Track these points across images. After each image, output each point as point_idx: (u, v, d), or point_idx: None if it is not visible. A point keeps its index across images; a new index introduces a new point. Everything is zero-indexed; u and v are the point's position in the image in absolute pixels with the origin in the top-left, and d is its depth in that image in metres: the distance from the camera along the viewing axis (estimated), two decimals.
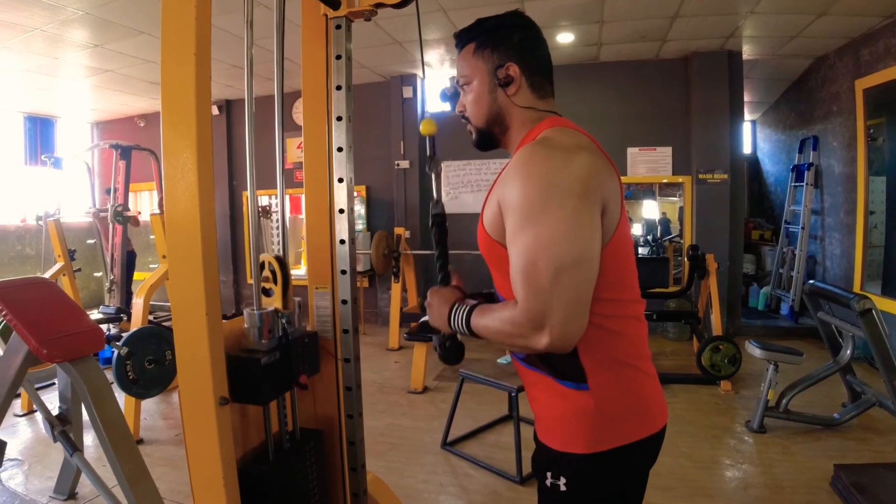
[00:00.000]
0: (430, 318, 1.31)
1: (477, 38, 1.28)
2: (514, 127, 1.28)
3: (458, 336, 1.31)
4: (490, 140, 1.33)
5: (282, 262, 1.73)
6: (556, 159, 1.08)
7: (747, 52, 6.12)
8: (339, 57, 1.63)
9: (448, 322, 1.24)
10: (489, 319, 1.14)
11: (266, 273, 1.73)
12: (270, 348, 1.57)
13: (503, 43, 1.25)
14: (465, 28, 1.31)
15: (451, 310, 1.23)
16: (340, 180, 1.66)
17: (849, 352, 3.76)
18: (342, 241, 1.68)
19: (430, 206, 1.41)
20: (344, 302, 1.71)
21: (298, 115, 7.12)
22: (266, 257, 1.73)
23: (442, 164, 6.97)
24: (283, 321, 1.62)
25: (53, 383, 4.52)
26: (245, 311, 1.60)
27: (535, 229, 1.04)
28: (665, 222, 8.90)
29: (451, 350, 1.32)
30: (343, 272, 1.69)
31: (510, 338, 1.10)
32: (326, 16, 1.66)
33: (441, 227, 1.42)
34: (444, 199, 7.08)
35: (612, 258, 1.13)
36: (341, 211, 1.67)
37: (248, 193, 1.66)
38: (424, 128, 1.43)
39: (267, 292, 1.73)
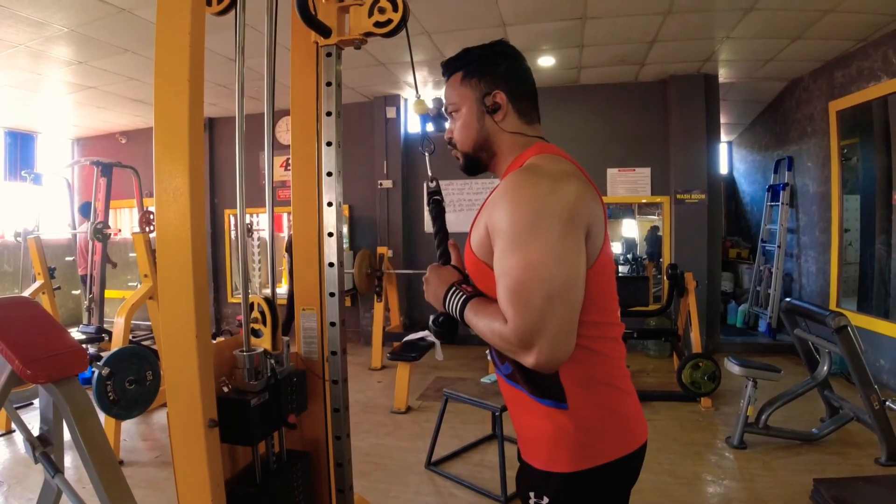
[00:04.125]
0: (426, 295, 1.33)
1: (464, 66, 1.32)
2: (501, 152, 1.31)
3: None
4: (477, 165, 1.36)
5: (270, 303, 1.74)
6: (543, 186, 1.11)
7: (723, 75, 6.28)
8: (329, 84, 1.66)
9: (443, 304, 1.27)
10: (481, 323, 1.16)
11: (255, 314, 1.74)
12: (260, 389, 1.59)
13: (490, 71, 1.29)
14: (452, 57, 1.35)
15: (447, 292, 1.26)
16: (330, 204, 1.68)
17: (826, 368, 3.83)
18: (331, 264, 1.70)
19: (426, 183, 1.47)
20: (332, 324, 1.72)
21: (281, 133, 7.14)
22: (255, 299, 1.74)
23: (425, 184, 7.05)
24: (272, 361, 1.64)
25: (31, 403, 4.44)
26: (235, 353, 1.61)
27: (523, 253, 1.07)
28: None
29: (444, 325, 1.31)
30: (332, 294, 1.71)
31: (498, 346, 1.15)
32: (317, 43, 1.69)
33: (438, 204, 1.46)
34: (427, 218, 7.14)
35: (596, 281, 1.16)
36: (330, 234, 1.69)
37: (237, 214, 1.66)
38: (417, 107, 1.48)
39: (256, 333, 1.74)
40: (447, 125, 1.38)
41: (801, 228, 6.53)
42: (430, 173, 1.47)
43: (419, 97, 1.54)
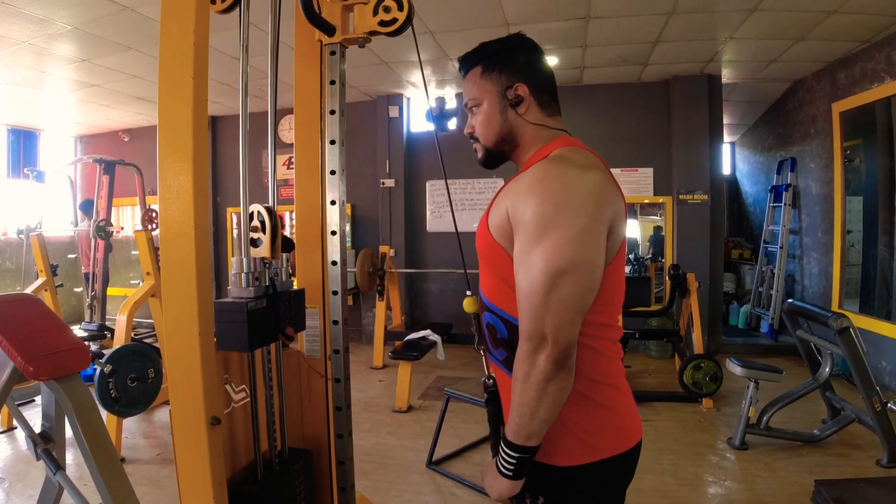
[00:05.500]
0: (492, 495, 1.22)
1: (483, 61, 1.31)
2: (525, 143, 1.31)
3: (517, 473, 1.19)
4: (498, 158, 1.36)
5: (271, 211, 1.69)
6: (571, 177, 1.11)
7: (727, 75, 6.27)
8: (333, 82, 1.66)
9: (501, 473, 1.18)
10: (514, 394, 1.13)
11: (255, 223, 1.68)
12: (257, 296, 1.55)
13: (510, 64, 1.29)
14: (469, 52, 1.34)
15: (496, 464, 1.20)
16: (333, 202, 1.68)
17: (827, 369, 3.83)
18: (334, 263, 1.70)
19: (483, 381, 1.36)
20: (335, 322, 1.72)
21: (284, 132, 7.14)
22: (256, 207, 1.69)
23: (427, 183, 7.07)
24: (271, 273, 1.61)
25: (33, 400, 4.45)
26: (233, 259, 1.58)
27: (544, 244, 1.07)
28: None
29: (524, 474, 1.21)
30: (335, 293, 1.71)
31: (527, 380, 1.09)
32: (321, 42, 1.69)
33: (496, 405, 1.34)
34: (430, 217, 7.16)
35: (610, 280, 1.16)
36: (333, 233, 1.69)
37: (239, 212, 1.65)
38: (468, 306, 1.40)
39: (255, 242, 1.69)
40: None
41: (803, 229, 6.52)
42: (486, 371, 1.36)
43: (469, 295, 1.42)
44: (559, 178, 1.11)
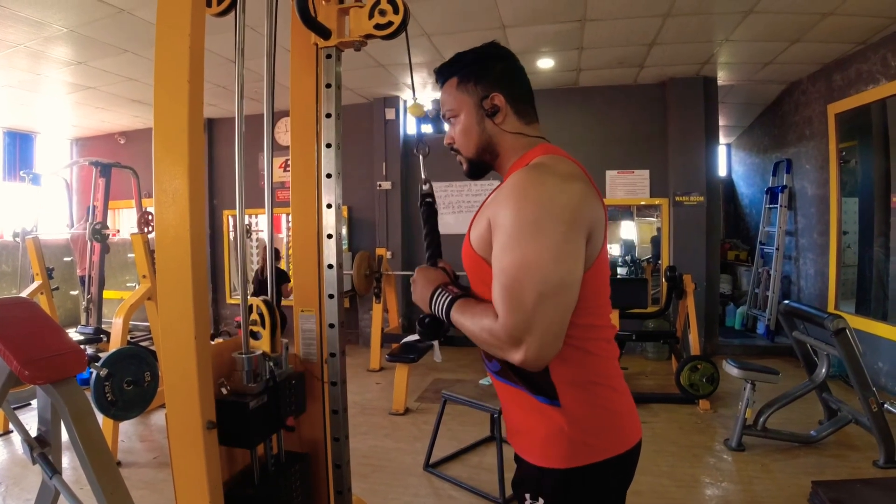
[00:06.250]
0: (413, 296, 1.36)
1: (459, 72, 1.32)
2: (504, 152, 1.31)
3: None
4: (481, 168, 1.36)
5: (269, 305, 1.73)
6: (550, 185, 1.11)
7: (722, 77, 6.29)
8: (329, 86, 1.66)
9: (429, 304, 1.29)
10: (468, 321, 1.17)
11: (254, 317, 1.72)
12: (258, 392, 1.58)
13: (485, 75, 1.29)
14: (445, 63, 1.35)
15: (433, 293, 1.28)
16: (329, 206, 1.68)
17: (824, 370, 3.84)
18: (330, 266, 1.70)
19: (420, 185, 1.48)
20: (331, 326, 1.72)
21: (280, 134, 7.14)
22: (254, 301, 1.73)
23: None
24: (271, 364, 1.63)
25: (29, 404, 4.43)
26: (234, 356, 1.60)
27: (523, 250, 1.08)
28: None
29: (430, 326, 1.32)
30: (330, 296, 1.70)
31: (486, 344, 1.15)
32: (317, 45, 1.69)
33: (430, 206, 1.47)
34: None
35: (592, 285, 1.17)
36: (329, 236, 1.69)
37: (236, 214, 1.65)
38: (413, 110, 1.59)
39: (255, 335, 1.73)
40: (446, 128, 1.38)
41: (799, 231, 6.54)
42: (423, 175, 1.49)
43: (416, 100, 1.57)
44: (538, 186, 1.12)
